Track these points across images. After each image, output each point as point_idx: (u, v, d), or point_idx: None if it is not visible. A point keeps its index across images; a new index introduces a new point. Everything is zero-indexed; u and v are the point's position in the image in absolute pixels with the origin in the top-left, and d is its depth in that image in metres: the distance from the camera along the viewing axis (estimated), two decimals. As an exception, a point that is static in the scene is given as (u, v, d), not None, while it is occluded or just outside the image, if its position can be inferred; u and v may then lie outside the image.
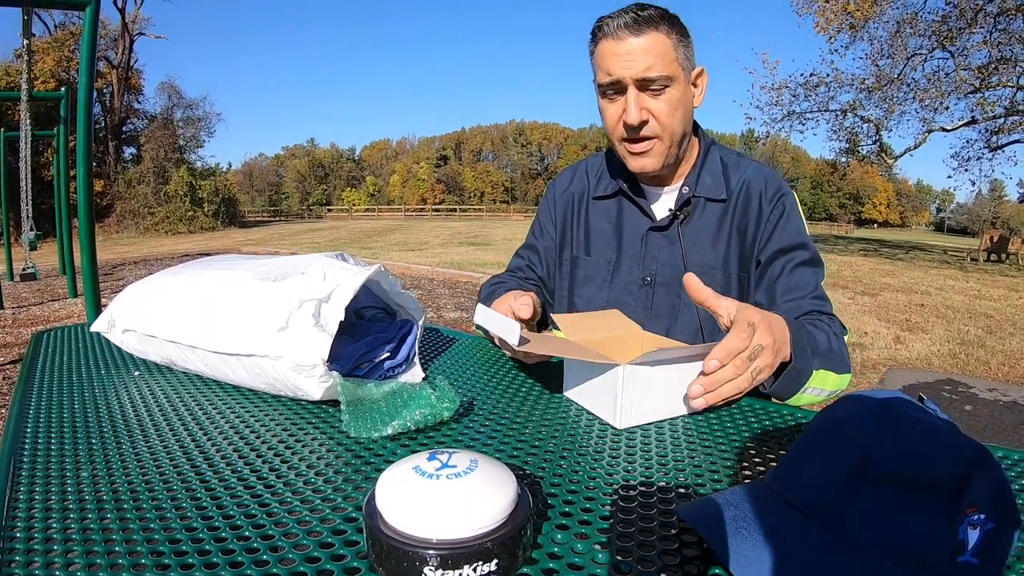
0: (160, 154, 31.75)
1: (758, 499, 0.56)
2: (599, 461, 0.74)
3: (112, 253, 15.58)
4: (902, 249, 22.13)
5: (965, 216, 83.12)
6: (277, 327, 0.89)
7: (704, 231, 1.33)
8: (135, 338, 1.10)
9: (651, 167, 1.27)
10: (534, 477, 0.69)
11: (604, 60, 1.21)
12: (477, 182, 73.55)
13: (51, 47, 30.08)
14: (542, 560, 0.53)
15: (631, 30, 1.17)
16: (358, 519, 0.58)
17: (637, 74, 1.18)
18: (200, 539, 0.56)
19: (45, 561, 0.53)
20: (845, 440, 0.54)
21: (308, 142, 77.28)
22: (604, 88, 1.24)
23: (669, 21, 1.19)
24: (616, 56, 1.19)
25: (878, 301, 9.04)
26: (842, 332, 1.22)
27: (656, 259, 1.35)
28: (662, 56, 1.18)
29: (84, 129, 3.80)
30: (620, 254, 1.40)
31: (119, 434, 0.82)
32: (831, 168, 26.44)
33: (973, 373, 5.47)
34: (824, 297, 1.27)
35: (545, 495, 0.65)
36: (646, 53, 1.17)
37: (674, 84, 1.20)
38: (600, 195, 1.44)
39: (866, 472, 0.51)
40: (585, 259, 1.45)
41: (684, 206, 1.33)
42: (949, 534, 0.48)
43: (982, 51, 17.15)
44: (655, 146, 1.24)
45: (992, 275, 13.69)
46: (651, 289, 1.35)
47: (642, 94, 1.20)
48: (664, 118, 1.22)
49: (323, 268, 0.97)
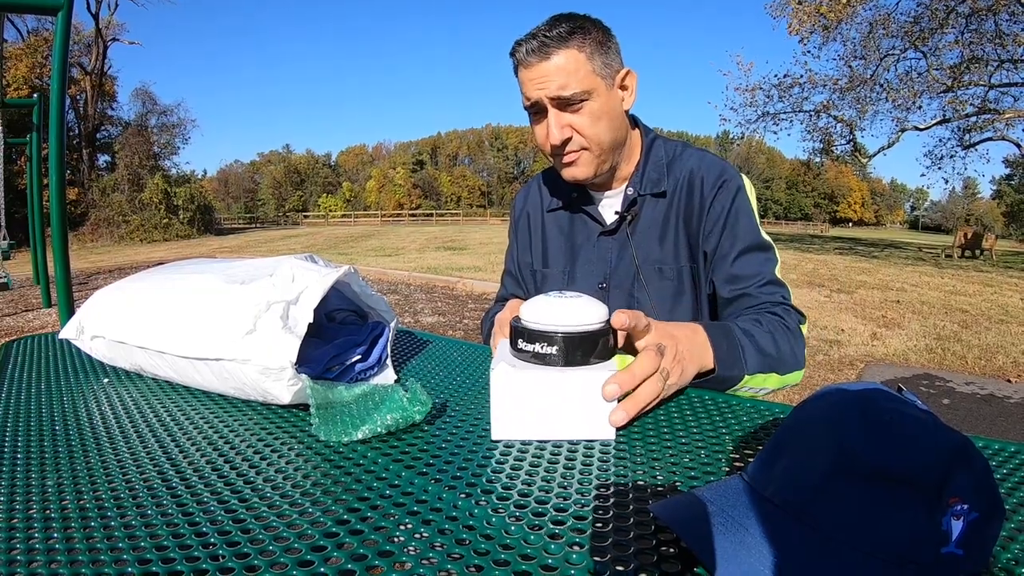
0: (135, 161, 31.33)
1: (735, 495, 0.55)
2: (572, 460, 0.73)
3: (86, 262, 15.36)
4: (877, 247, 22.36)
5: (939, 214, 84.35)
6: (245, 330, 0.87)
7: (651, 228, 1.34)
8: (104, 344, 1.08)
9: (582, 175, 1.28)
10: (507, 479, 0.68)
11: (522, 85, 1.24)
12: (454, 187, 73.54)
13: (24, 53, 29.69)
14: (514, 562, 0.52)
15: (539, 54, 1.18)
16: (339, 534, 0.56)
17: (551, 94, 1.19)
18: (171, 559, 0.53)
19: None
20: (823, 433, 0.53)
21: (284, 148, 77.13)
22: (528, 110, 1.27)
23: (582, 33, 1.19)
24: (531, 81, 1.21)
25: (854, 299, 9.12)
26: (797, 323, 1.20)
27: (609, 263, 1.37)
28: (574, 73, 1.18)
29: (57, 136, 3.74)
30: (574, 262, 1.42)
31: (86, 443, 0.80)
32: (805, 168, 26.66)
33: (950, 367, 5.53)
34: (777, 283, 1.26)
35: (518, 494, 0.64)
36: (558, 73, 1.18)
37: (593, 96, 1.20)
38: (552, 208, 1.47)
39: (846, 465, 0.50)
40: (544, 271, 1.48)
41: (631, 207, 1.34)
42: (933, 526, 0.47)
43: (954, 51, 17.47)
44: (582, 155, 1.26)
45: (967, 271, 13.86)
46: (606, 293, 1.37)
47: (562, 112, 1.22)
48: (587, 131, 1.22)
49: (291, 270, 0.96)
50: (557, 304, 0.81)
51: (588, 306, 0.82)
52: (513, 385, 0.78)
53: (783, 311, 1.21)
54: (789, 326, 1.17)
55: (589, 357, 0.79)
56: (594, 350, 0.80)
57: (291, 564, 0.52)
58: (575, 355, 0.78)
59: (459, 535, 0.57)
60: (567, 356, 0.78)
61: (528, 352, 0.80)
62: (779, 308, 1.21)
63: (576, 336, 0.78)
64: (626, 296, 1.34)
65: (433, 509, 0.62)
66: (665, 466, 0.72)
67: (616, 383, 0.76)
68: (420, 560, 0.52)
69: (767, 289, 1.24)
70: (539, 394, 0.77)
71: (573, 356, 0.78)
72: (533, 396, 0.78)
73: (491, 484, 0.67)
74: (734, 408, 0.92)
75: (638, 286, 1.33)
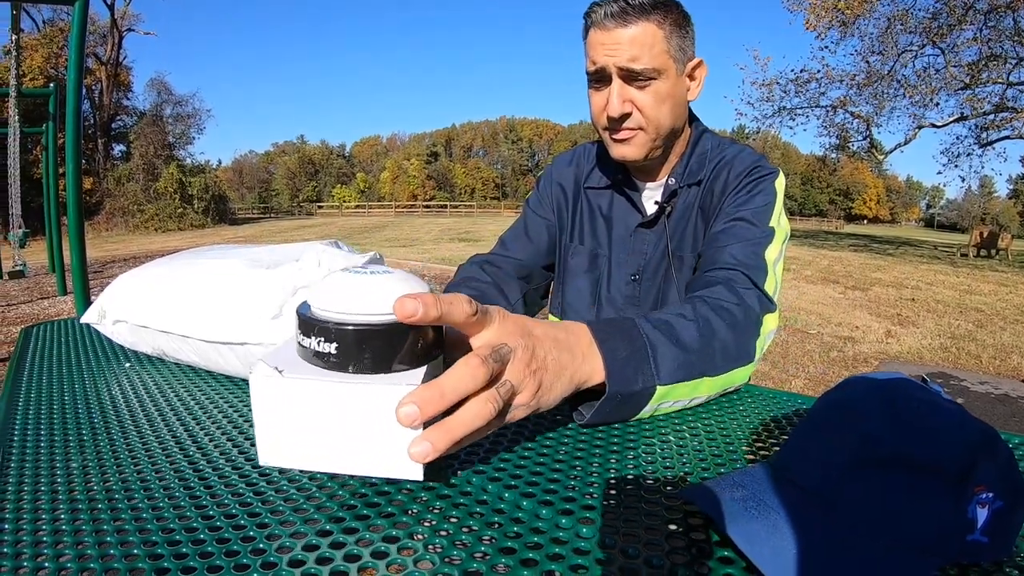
0: (150, 151, 31.57)
1: (765, 481, 0.55)
2: (595, 448, 0.73)
3: (101, 251, 15.47)
4: (892, 245, 22.23)
5: (955, 212, 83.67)
6: (271, 315, 0.87)
7: (684, 218, 1.29)
8: (126, 329, 1.08)
9: (632, 155, 1.22)
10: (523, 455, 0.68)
11: (591, 48, 1.17)
12: (468, 178, 73.44)
13: (40, 44, 29.89)
14: (526, 535, 0.53)
15: (617, 20, 1.11)
16: (345, 519, 0.56)
17: (621, 63, 1.13)
18: (201, 540, 0.54)
19: (34, 566, 0.51)
20: (851, 421, 0.53)
21: (298, 139, 77.08)
22: (590, 76, 1.20)
23: (664, 9, 1.13)
24: (601, 45, 1.14)
25: (869, 295, 9.07)
26: (755, 309, 0.98)
27: (644, 254, 1.33)
28: (650, 47, 1.12)
29: (73, 126, 3.76)
30: (611, 249, 1.37)
31: (111, 426, 0.80)
32: (821, 164, 26.51)
33: (964, 366, 5.49)
34: (752, 263, 1.06)
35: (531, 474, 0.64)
36: (632, 43, 1.11)
37: (662, 77, 1.15)
38: (593, 185, 1.41)
39: (873, 454, 0.50)
40: (577, 247, 1.42)
41: (671, 198, 1.29)
42: (959, 513, 0.48)
43: (972, 48, 17.30)
44: (637, 135, 1.20)
45: (982, 270, 13.77)
46: (638, 286, 1.33)
47: (627, 86, 1.15)
48: (649, 111, 1.17)
49: (317, 255, 0.96)
50: (351, 283, 0.58)
51: (393, 286, 0.57)
52: (276, 396, 0.55)
53: (734, 291, 1.00)
54: (733, 311, 0.94)
55: (390, 361, 0.56)
56: (396, 351, 0.56)
57: (332, 532, 0.53)
58: (362, 358, 0.55)
59: (489, 518, 0.57)
60: (353, 358, 0.55)
61: (308, 350, 0.57)
62: (733, 287, 1.01)
63: (366, 329, 0.55)
64: (656, 290, 1.31)
65: (463, 493, 0.62)
66: (691, 457, 0.71)
67: (414, 402, 0.52)
68: (454, 542, 0.53)
69: (731, 261, 1.07)
70: (313, 412, 0.55)
71: (360, 359, 0.55)
72: (305, 413, 0.55)
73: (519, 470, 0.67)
74: (756, 397, 0.92)
75: (668, 279, 1.29)
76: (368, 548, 0.52)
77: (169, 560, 0.50)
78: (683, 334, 0.84)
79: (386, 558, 0.50)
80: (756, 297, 1.00)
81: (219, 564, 0.50)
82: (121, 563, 0.50)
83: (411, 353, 0.57)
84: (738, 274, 1.03)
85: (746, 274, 1.03)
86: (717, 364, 0.86)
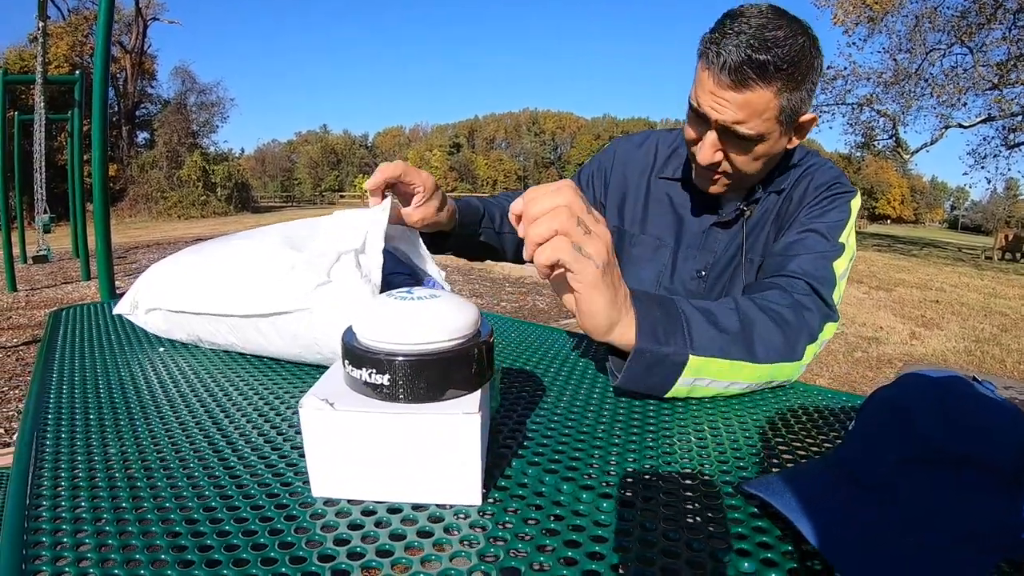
0: (173, 139, 31.86)
1: (826, 476, 0.55)
2: (649, 438, 0.72)
3: (125, 237, 15.64)
4: (916, 245, 22.03)
5: (980, 214, 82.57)
6: (317, 282, 0.85)
7: (761, 222, 1.24)
8: (160, 316, 1.08)
9: (714, 192, 1.20)
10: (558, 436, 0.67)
11: (698, 86, 1.07)
12: (490, 170, 73.55)
13: (65, 32, 30.21)
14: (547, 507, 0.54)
15: (733, 78, 1.00)
16: (376, 511, 0.55)
17: (724, 122, 1.05)
18: (244, 518, 0.53)
19: (74, 542, 0.51)
20: (905, 419, 0.53)
21: (321, 128, 77.48)
22: (690, 106, 1.11)
23: (791, 69, 1.00)
24: (710, 94, 1.04)
25: (893, 296, 8.99)
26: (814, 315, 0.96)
27: (714, 252, 1.28)
28: (760, 114, 1.03)
29: (99, 113, 3.78)
30: (679, 243, 1.32)
31: (147, 409, 0.80)
32: (846, 162, 26.27)
33: (989, 371, 5.43)
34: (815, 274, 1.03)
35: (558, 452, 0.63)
36: (742, 108, 1.02)
37: (763, 139, 1.07)
38: (668, 176, 1.35)
39: (927, 451, 0.50)
40: (640, 237, 1.36)
41: (753, 202, 1.24)
42: (1012, 511, 0.48)
43: (1001, 47, 17.05)
44: (721, 180, 1.16)
45: (1007, 274, 13.60)
46: (703, 282, 1.29)
47: (724, 139, 1.09)
48: (741, 166, 1.11)
49: (346, 218, 0.94)
50: (400, 311, 0.57)
51: (443, 310, 0.58)
52: (328, 428, 0.55)
53: (788, 295, 0.98)
54: (782, 311, 0.93)
55: (444, 389, 0.56)
56: (451, 378, 0.56)
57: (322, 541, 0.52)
58: (416, 387, 0.55)
59: (532, 501, 0.56)
60: (406, 388, 0.55)
61: (358, 380, 0.57)
62: (788, 292, 1.00)
63: (420, 360, 0.55)
64: (721, 288, 1.27)
65: (504, 476, 0.62)
66: (746, 454, 0.70)
67: None
68: (497, 523, 0.52)
69: (797, 271, 1.04)
70: (367, 442, 0.55)
71: (414, 388, 0.55)
72: (359, 445, 0.55)
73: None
74: (801, 394, 0.91)
75: (734, 279, 1.25)
76: (401, 543, 0.51)
77: (220, 552, 0.49)
78: (721, 318, 0.85)
79: (420, 554, 0.49)
80: (815, 303, 0.98)
81: (246, 558, 0.49)
82: (163, 539, 0.50)
83: (465, 378, 0.57)
84: (800, 283, 1.01)
85: (808, 283, 1.01)
86: (757, 353, 0.85)
